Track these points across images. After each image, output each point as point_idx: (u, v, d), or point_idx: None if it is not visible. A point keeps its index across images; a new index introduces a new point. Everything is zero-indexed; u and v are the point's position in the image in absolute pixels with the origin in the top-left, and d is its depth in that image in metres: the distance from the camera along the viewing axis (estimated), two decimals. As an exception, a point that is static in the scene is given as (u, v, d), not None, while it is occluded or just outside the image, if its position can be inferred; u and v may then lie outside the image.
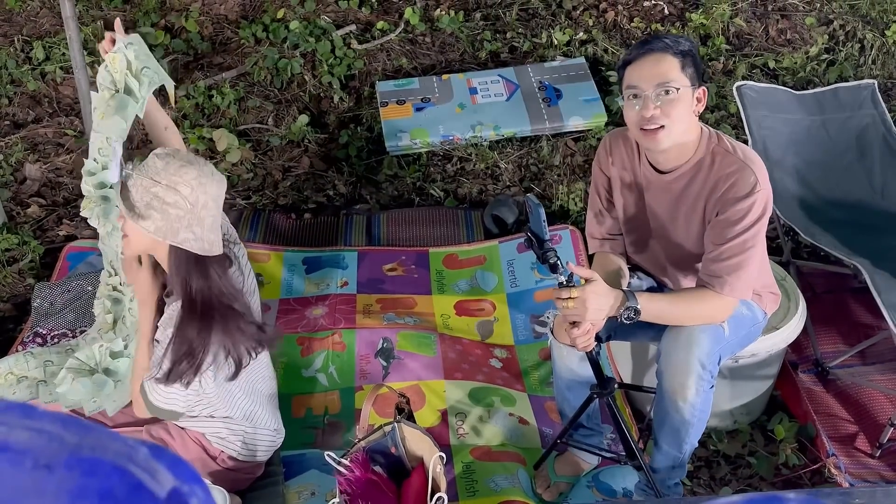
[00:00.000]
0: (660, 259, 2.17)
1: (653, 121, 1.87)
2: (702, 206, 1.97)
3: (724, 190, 1.91)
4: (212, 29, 4.37)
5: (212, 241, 1.82)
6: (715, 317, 1.96)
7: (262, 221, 3.32)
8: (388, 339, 2.71)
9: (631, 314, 1.90)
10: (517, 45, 4.27)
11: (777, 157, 2.97)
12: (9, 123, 3.81)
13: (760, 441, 2.48)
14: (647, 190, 2.06)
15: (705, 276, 1.95)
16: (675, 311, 1.96)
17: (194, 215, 1.78)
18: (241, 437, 2.06)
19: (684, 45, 1.90)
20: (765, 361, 2.41)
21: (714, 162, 1.94)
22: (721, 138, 1.97)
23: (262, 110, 3.91)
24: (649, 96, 1.87)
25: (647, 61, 1.89)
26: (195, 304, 1.82)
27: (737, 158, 1.92)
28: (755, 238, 1.91)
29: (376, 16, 4.47)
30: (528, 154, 3.67)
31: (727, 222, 1.91)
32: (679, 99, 1.87)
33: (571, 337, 1.91)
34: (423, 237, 3.25)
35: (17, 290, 2.95)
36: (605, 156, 2.12)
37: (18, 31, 4.27)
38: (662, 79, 1.86)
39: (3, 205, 3.29)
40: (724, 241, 1.91)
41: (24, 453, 0.54)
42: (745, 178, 1.89)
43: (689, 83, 1.88)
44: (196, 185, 1.77)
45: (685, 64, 1.88)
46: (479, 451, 2.36)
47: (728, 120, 3.79)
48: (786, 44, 4.34)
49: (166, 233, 1.77)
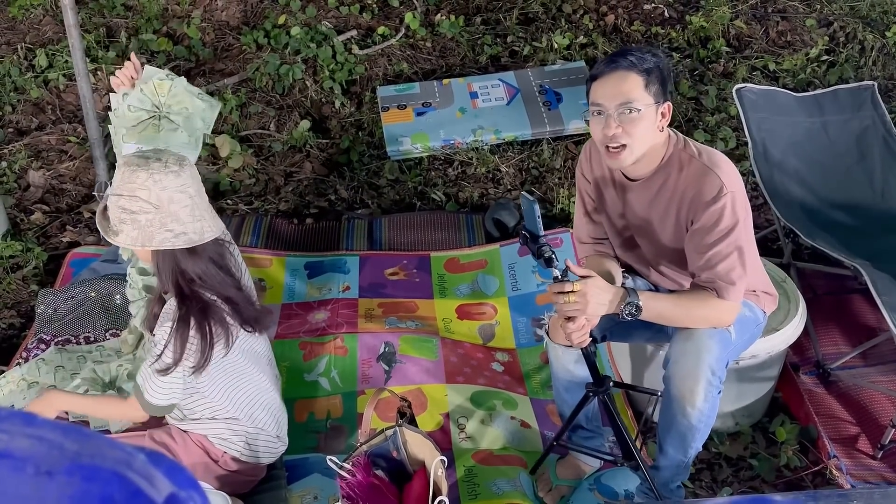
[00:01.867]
0: (646, 258, 2.18)
1: (615, 139, 1.90)
2: (674, 210, 1.98)
3: (693, 196, 1.92)
4: (213, 35, 4.39)
5: (198, 230, 1.81)
6: (720, 319, 1.96)
7: (264, 226, 3.34)
8: (390, 344, 2.72)
9: (632, 310, 1.91)
10: (517, 50, 4.29)
11: (777, 160, 2.98)
12: (12, 131, 3.83)
13: (762, 443, 2.49)
14: (622, 196, 2.09)
15: (699, 283, 1.96)
16: (677, 312, 1.97)
17: (164, 213, 1.78)
18: (244, 438, 2.07)
19: (650, 61, 1.89)
20: (765, 363, 2.42)
21: (682, 168, 1.95)
22: (687, 143, 1.98)
23: (264, 116, 3.93)
24: (612, 115, 1.88)
25: (612, 79, 1.89)
26: (187, 296, 1.84)
27: (701, 164, 1.93)
28: (738, 240, 1.91)
29: (377, 21, 4.49)
30: (528, 158, 3.68)
31: (703, 230, 1.91)
32: (641, 118, 1.88)
33: (566, 332, 1.91)
34: (425, 241, 3.26)
35: (21, 296, 2.96)
36: (585, 161, 2.15)
37: (22, 38, 4.30)
38: (624, 98, 1.87)
39: (7, 212, 3.31)
40: (707, 248, 1.91)
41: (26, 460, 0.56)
42: (711, 183, 1.89)
43: (652, 101, 1.88)
44: (151, 184, 1.77)
45: (649, 82, 1.88)
46: (481, 454, 2.36)
47: (728, 122, 3.80)
48: (786, 46, 4.35)
49: (143, 240, 1.79)
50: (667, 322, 2.00)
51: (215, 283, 1.88)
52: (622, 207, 2.10)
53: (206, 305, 1.86)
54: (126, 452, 0.54)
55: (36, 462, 0.57)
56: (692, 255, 1.96)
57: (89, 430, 2.12)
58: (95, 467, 0.55)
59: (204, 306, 1.85)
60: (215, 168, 3.65)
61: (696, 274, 1.97)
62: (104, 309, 2.79)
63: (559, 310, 1.90)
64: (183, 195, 1.80)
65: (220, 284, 1.89)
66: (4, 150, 3.69)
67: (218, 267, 1.90)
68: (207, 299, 1.87)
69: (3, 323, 2.85)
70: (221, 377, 1.98)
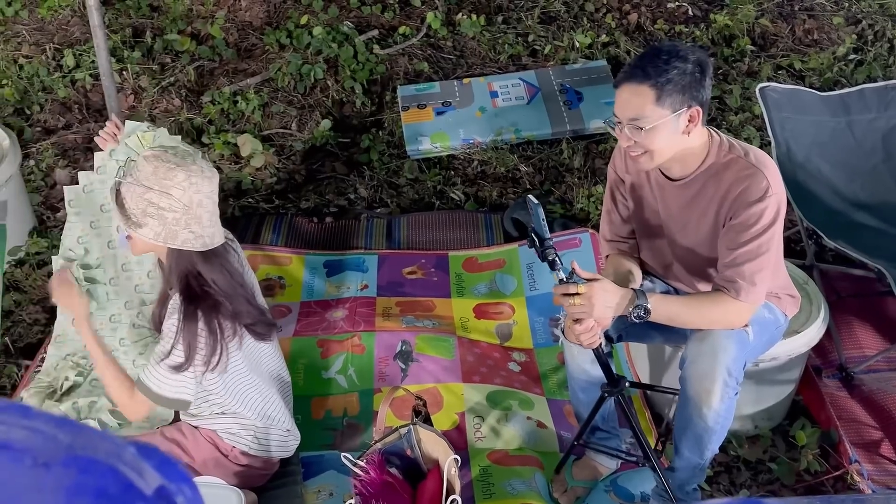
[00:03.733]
0: (666, 260, 2.16)
1: (631, 149, 1.89)
2: (713, 210, 1.96)
3: (737, 195, 1.90)
4: (237, 35, 4.43)
5: (212, 235, 1.87)
6: (731, 322, 1.95)
7: (284, 225, 3.36)
8: (407, 342, 2.72)
9: (640, 313, 1.90)
10: (538, 49, 4.27)
11: (801, 160, 2.93)
12: (40, 130, 3.90)
13: (782, 447, 2.46)
14: (659, 195, 2.06)
15: (721, 280, 1.94)
16: (688, 315, 1.95)
17: (190, 215, 1.82)
18: (252, 433, 2.09)
19: (670, 71, 1.80)
20: (786, 366, 2.38)
21: (727, 168, 1.93)
22: (733, 144, 1.96)
23: (286, 115, 3.96)
24: (623, 128, 1.87)
25: (623, 92, 1.86)
26: (196, 294, 1.86)
27: (748, 163, 1.91)
28: (770, 242, 1.90)
29: (398, 20, 4.50)
30: (548, 157, 3.66)
31: (740, 227, 1.90)
32: (654, 130, 1.84)
33: (575, 334, 1.91)
34: (443, 240, 3.27)
35: (46, 292, 3.01)
36: (619, 159, 2.13)
37: (50, 39, 4.37)
38: (633, 114, 1.84)
39: (34, 209, 3.37)
40: (738, 246, 1.90)
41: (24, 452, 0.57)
42: (758, 183, 1.88)
43: (668, 112, 1.83)
44: (187, 185, 1.80)
45: (664, 94, 1.81)
46: (497, 454, 2.36)
47: (752, 122, 3.75)
48: (812, 44, 4.29)
49: (166, 237, 1.82)
50: (678, 324, 1.98)
51: (227, 288, 1.91)
52: (658, 207, 2.08)
53: (215, 303, 1.88)
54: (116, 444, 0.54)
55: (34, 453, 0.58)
56: (722, 251, 1.95)
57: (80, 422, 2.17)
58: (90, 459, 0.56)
59: (213, 303, 1.87)
60: (237, 167, 3.68)
61: (719, 270, 1.96)
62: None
63: (567, 312, 1.90)
64: (210, 201, 1.86)
65: (230, 290, 1.91)
66: (32, 148, 3.75)
67: (230, 275, 1.93)
68: (216, 298, 1.88)
69: (28, 318, 2.90)
70: (231, 372, 2.00)
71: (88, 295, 2.63)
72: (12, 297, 2.95)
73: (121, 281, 2.63)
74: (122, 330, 2.65)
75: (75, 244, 2.65)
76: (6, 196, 3.06)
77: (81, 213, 2.64)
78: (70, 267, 2.58)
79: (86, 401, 2.40)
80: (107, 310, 2.65)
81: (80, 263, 2.62)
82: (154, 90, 4.03)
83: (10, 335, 2.82)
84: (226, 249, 1.97)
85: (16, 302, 2.95)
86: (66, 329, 2.66)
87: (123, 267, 2.65)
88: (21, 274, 3.06)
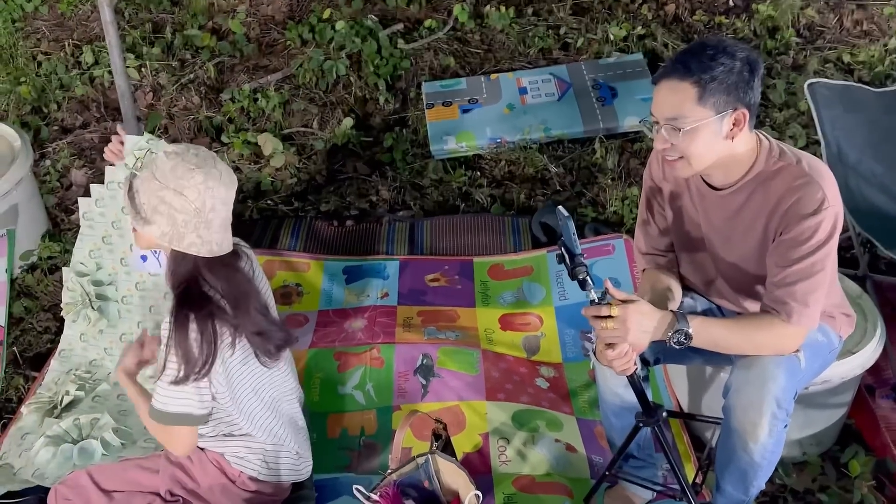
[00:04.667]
0: (709, 275, 1.99)
1: (667, 153, 1.73)
2: (762, 224, 1.78)
3: (789, 206, 1.72)
4: (258, 30, 4.32)
5: (220, 242, 1.79)
6: (781, 347, 1.77)
7: (303, 228, 3.24)
8: (429, 356, 2.58)
9: (681, 338, 1.73)
10: (570, 42, 4.09)
11: (853, 161, 2.73)
12: (57, 129, 3.82)
13: (832, 475, 2.27)
14: (700, 205, 1.88)
15: (770, 301, 1.77)
16: (734, 340, 1.78)
17: (201, 219, 1.74)
18: (261, 457, 1.97)
19: (716, 67, 1.64)
20: (838, 388, 2.20)
21: (777, 176, 1.75)
22: (783, 150, 1.78)
23: (307, 113, 3.83)
24: (660, 129, 1.71)
25: (662, 89, 1.71)
26: (192, 298, 1.77)
27: (802, 171, 1.73)
28: (825, 260, 1.72)
29: (424, 13, 4.34)
30: (580, 157, 3.49)
31: (793, 242, 1.72)
32: (693, 132, 1.68)
33: (606, 359, 1.75)
34: (468, 246, 3.11)
35: (58, 298, 2.91)
36: (657, 166, 1.95)
37: (70, 35, 4.29)
38: (672, 113, 1.68)
39: (49, 211, 3.28)
40: (790, 264, 1.72)
41: None
42: (812, 194, 1.70)
43: (711, 113, 1.67)
44: (203, 189, 1.73)
45: (707, 92, 1.65)
46: (523, 480, 2.21)
47: (798, 119, 3.54)
48: (862, 36, 4.05)
49: (172, 238, 1.75)
50: (722, 350, 1.81)
51: (232, 299, 1.79)
52: (699, 218, 1.90)
53: (212, 307, 1.77)
54: None
55: None
56: (771, 268, 1.78)
57: None
58: None
59: (210, 307, 1.77)
60: (257, 167, 3.56)
61: (768, 290, 1.78)
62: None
63: (598, 335, 1.74)
64: (224, 207, 1.78)
65: (237, 302, 1.80)
66: (48, 147, 3.67)
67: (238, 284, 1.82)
68: (216, 303, 1.78)
69: (39, 326, 2.81)
70: (238, 388, 1.87)
71: (99, 312, 2.56)
72: (23, 304, 2.86)
73: (134, 300, 2.56)
74: None
75: (87, 258, 2.59)
76: (17, 199, 2.97)
77: (94, 227, 2.57)
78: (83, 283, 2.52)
79: (87, 418, 2.30)
80: (118, 328, 2.57)
81: (92, 280, 2.56)
82: (173, 87, 3.93)
83: (18, 344, 2.73)
84: (237, 255, 1.88)
85: (26, 308, 2.86)
86: (73, 344, 2.58)
87: (138, 286, 2.57)
88: (32, 279, 2.97)
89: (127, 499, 1.96)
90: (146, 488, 1.97)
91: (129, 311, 2.56)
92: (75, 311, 2.57)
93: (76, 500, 1.96)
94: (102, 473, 1.98)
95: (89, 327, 2.59)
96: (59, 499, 1.97)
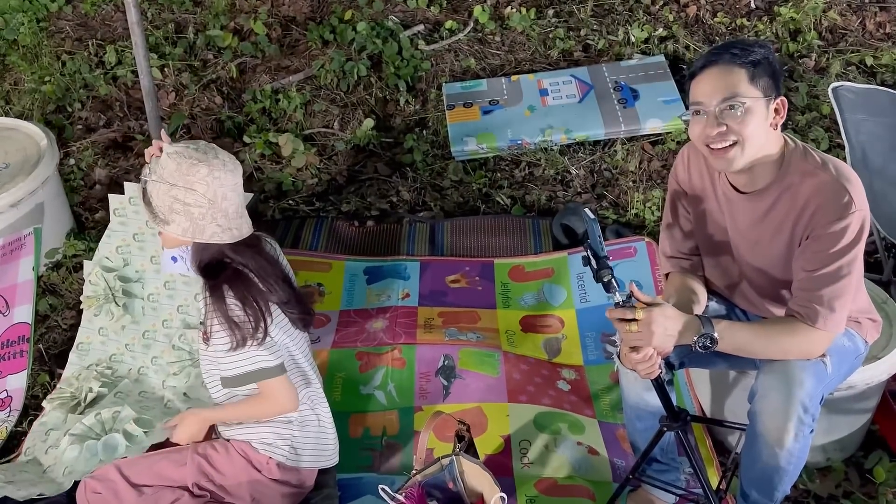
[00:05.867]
0: (734, 280, 1.98)
1: (720, 139, 1.71)
2: (789, 228, 1.77)
3: (815, 210, 1.71)
4: (280, 31, 4.33)
5: (239, 226, 1.87)
6: (807, 352, 1.77)
7: (324, 228, 3.25)
8: (450, 357, 2.58)
9: (706, 342, 1.73)
10: (591, 43, 4.08)
11: (878, 166, 2.71)
12: (81, 128, 3.85)
13: (856, 481, 2.26)
14: (726, 209, 1.88)
15: (796, 306, 1.76)
16: (759, 344, 1.77)
17: (216, 208, 1.82)
18: (289, 442, 2.01)
19: (757, 53, 1.70)
20: (863, 394, 2.18)
21: (804, 180, 1.74)
22: (809, 152, 1.77)
23: (328, 114, 3.84)
24: (713, 112, 1.70)
25: (712, 74, 1.71)
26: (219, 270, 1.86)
27: (829, 175, 1.72)
28: (851, 265, 1.71)
29: (445, 15, 4.35)
30: (601, 159, 3.48)
31: (819, 246, 1.71)
32: (749, 113, 1.68)
33: (631, 362, 1.75)
34: (489, 247, 3.12)
35: (82, 297, 2.94)
36: (682, 168, 1.95)
37: (93, 35, 4.33)
38: (727, 93, 1.68)
39: (73, 210, 3.32)
40: (817, 269, 1.72)
41: None
42: (839, 198, 1.69)
43: (760, 94, 1.69)
44: (210, 180, 1.81)
45: (756, 75, 1.69)
46: (545, 483, 2.21)
47: (820, 122, 3.52)
48: (885, 38, 4.02)
49: (194, 232, 1.83)
50: (747, 354, 1.80)
51: (260, 274, 1.89)
52: (724, 222, 1.90)
53: (242, 276, 1.86)
54: None
55: None
56: (797, 272, 1.77)
57: None
58: None
59: (240, 276, 1.85)
60: (278, 167, 3.58)
61: (794, 294, 1.78)
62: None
63: (622, 338, 1.74)
64: (234, 193, 1.86)
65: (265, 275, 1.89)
66: (72, 147, 3.70)
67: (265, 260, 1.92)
68: (244, 273, 1.87)
69: (64, 323, 2.84)
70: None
71: (123, 308, 2.60)
72: (48, 301, 2.89)
73: (161, 298, 2.59)
74: (157, 348, 2.59)
75: (114, 253, 2.63)
76: (43, 198, 3.00)
77: (127, 224, 2.60)
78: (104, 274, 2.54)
79: (109, 412, 2.32)
80: (141, 325, 2.60)
81: (119, 275, 2.59)
82: (195, 87, 3.95)
83: (43, 342, 2.76)
84: (259, 238, 1.98)
85: (51, 306, 2.89)
86: (92, 338, 2.60)
87: (167, 285, 2.60)
88: (57, 277, 3.00)
89: (155, 493, 1.98)
90: (174, 482, 1.99)
91: (155, 308, 2.59)
92: (97, 304, 2.60)
93: (105, 494, 1.98)
94: (132, 467, 2.01)
95: (111, 322, 2.62)
96: (89, 492, 2.00)
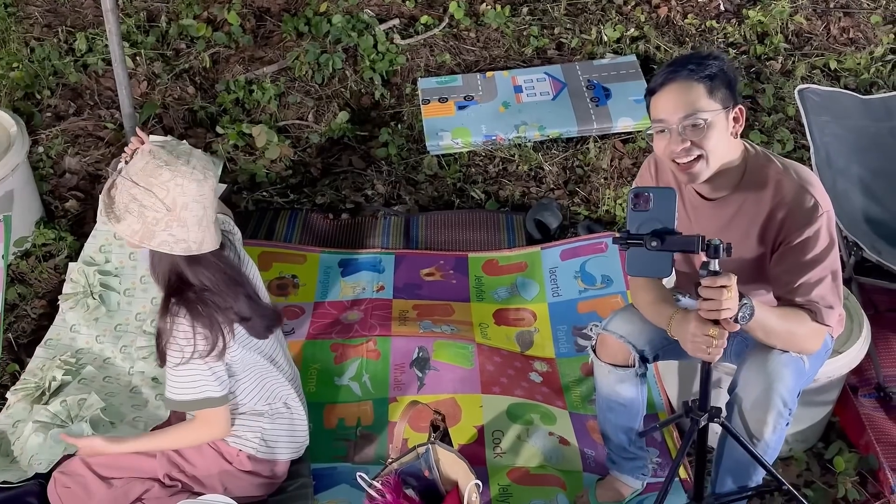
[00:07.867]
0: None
1: (684, 154, 1.75)
2: (756, 232, 1.83)
3: (784, 217, 1.77)
4: (254, 22, 4.31)
5: (198, 241, 1.78)
6: (808, 346, 1.83)
7: (299, 221, 3.26)
8: (424, 349, 2.61)
9: (747, 312, 1.66)
10: (565, 42, 4.13)
11: (841, 167, 2.80)
12: (50, 115, 3.79)
13: (817, 471, 2.33)
14: (693, 216, 1.93)
15: (803, 301, 1.81)
16: (781, 327, 1.77)
17: (173, 217, 1.73)
18: (259, 434, 2.01)
19: (713, 66, 1.74)
20: (824, 387, 2.26)
21: (766, 185, 1.80)
22: (770, 157, 1.83)
23: (303, 106, 3.84)
24: (676, 129, 1.74)
25: (671, 91, 1.75)
26: (180, 290, 1.79)
27: (791, 181, 1.78)
28: (833, 263, 1.79)
29: (420, 10, 4.36)
30: (573, 156, 3.54)
31: (797, 252, 1.78)
32: (710, 127, 1.73)
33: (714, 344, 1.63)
34: (463, 241, 3.15)
35: (52, 285, 2.91)
36: (648, 176, 2.00)
37: (63, 22, 4.26)
38: (688, 109, 1.73)
39: (42, 198, 3.27)
40: (804, 273, 1.78)
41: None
42: (805, 203, 1.76)
43: (719, 106, 1.74)
44: (172, 186, 1.72)
45: (714, 88, 1.73)
46: (517, 472, 2.25)
47: (786, 123, 3.61)
48: (848, 43, 4.13)
49: (143, 236, 1.74)
50: (764, 336, 1.79)
51: (220, 290, 1.82)
52: (692, 227, 1.94)
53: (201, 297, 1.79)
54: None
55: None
56: (782, 277, 1.82)
57: None
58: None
59: (199, 297, 1.79)
60: (252, 158, 3.57)
61: (787, 297, 1.82)
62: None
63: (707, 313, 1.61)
64: (198, 205, 1.76)
65: (225, 292, 1.83)
66: (41, 134, 3.65)
67: (225, 275, 1.84)
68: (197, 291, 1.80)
69: (34, 313, 2.81)
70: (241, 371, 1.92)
71: (100, 300, 2.58)
72: (17, 290, 2.86)
73: (136, 292, 2.61)
74: (127, 338, 2.58)
75: (97, 252, 2.66)
76: (12, 185, 2.96)
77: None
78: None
79: (75, 399, 2.29)
80: (114, 319, 2.61)
81: (99, 270, 2.59)
82: (168, 77, 3.92)
83: (12, 331, 2.73)
84: (222, 248, 1.89)
85: (20, 295, 2.85)
86: (62, 334, 2.60)
87: (142, 279, 2.61)
88: (26, 266, 2.96)
89: (125, 485, 1.97)
90: (144, 473, 1.98)
91: (130, 303, 2.59)
92: (74, 298, 2.59)
93: (75, 488, 1.96)
94: (98, 460, 1.99)
95: (86, 314, 2.61)
96: (59, 487, 1.98)
